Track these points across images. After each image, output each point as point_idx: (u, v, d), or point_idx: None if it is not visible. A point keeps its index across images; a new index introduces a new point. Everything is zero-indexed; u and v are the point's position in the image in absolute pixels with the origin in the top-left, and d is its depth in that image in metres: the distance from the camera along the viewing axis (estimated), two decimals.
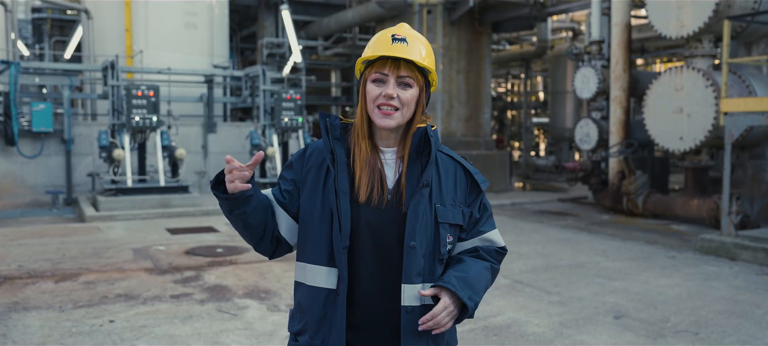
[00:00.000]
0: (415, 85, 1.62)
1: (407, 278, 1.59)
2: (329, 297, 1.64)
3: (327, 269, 1.64)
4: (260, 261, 6.88)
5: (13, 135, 11.19)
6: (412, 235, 1.59)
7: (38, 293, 5.51)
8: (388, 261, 1.62)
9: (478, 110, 15.01)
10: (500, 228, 9.81)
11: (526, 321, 4.87)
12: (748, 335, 4.60)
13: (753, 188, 10.06)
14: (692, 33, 9.47)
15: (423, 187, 1.62)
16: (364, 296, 1.63)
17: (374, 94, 1.60)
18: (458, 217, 1.68)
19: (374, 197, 1.61)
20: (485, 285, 1.67)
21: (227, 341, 4.39)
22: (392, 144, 1.67)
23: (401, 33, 1.62)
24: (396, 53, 1.58)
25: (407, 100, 1.61)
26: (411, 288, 1.59)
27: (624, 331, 4.66)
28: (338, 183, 1.61)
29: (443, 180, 1.68)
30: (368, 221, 1.61)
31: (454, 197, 1.68)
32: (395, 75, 1.60)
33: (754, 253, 7.17)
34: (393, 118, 1.60)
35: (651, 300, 5.48)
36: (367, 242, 1.62)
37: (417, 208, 1.61)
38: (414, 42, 1.62)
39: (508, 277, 6.28)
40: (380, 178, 1.63)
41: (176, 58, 14.12)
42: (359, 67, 1.67)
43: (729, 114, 8.02)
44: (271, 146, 12.12)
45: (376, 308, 1.63)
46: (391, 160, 1.67)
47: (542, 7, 14.04)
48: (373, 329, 1.64)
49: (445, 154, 1.72)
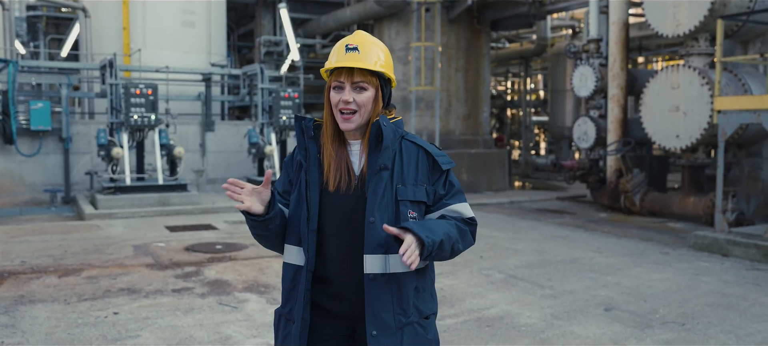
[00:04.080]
0: (370, 87, 1.85)
1: (369, 249, 1.81)
2: (298, 272, 1.91)
3: (296, 249, 1.91)
4: (259, 257, 6.96)
5: (11, 133, 11.26)
6: (372, 211, 1.81)
7: (43, 287, 5.60)
8: (356, 239, 1.85)
9: (476, 109, 15.08)
10: (498, 226, 9.89)
11: (519, 313, 4.97)
12: (733, 326, 4.72)
13: (749, 186, 10.15)
14: (688, 32, 9.55)
15: (381, 170, 1.84)
16: (338, 271, 1.88)
17: (334, 101, 1.85)
18: (421, 194, 1.89)
19: (343, 185, 1.86)
20: (446, 232, 1.82)
21: (228, 331, 4.48)
22: (357, 137, 1.91)
23: (353, 42, 1.84)
24: (348, 63, 1.81)
25: (363, 102, 1.84)
26: (372, 258, 1.82)
27: (613, 322, 4.77)
28: (309, 175, 1.88)
29: (405, 163, 1.89)
30: (339, 205, 1.86)
31: (416, 178, 1.89)
32: (350, 81, 1.83)
33: (746, 249, 7.27)
34: (352, 121, 1.84)
35: (641, 293, 5.58)
36: (337, 224, 1.86)
37: (376, 188, 1.83)
38: (367, 48, 1.84)
39: (503, 272, 6.37)
40: (347, 168, 1.88)
41: (174, 56, 14.19)
42: (325, 76, 1.92)
43: (722, 112, 8.11)
44: (269, 145, 12.19)
45: (347, 280, 1.87)
46: (357, 151, 1.91)
47: (541, 5, 14.11)
48: (347, 298, 1.89)
49: (409, 141, 1.93)
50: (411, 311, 1.87)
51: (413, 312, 1.88)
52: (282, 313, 1.95)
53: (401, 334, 1.84)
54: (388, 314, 1.83)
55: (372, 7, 14.34)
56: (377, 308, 1.82)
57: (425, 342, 1.89)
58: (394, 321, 1.83)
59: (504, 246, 7.81)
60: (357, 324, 1.92)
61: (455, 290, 5.62)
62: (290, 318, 1.91)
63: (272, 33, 18.25)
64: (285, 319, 1.94)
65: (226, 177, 13.55)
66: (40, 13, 18.96)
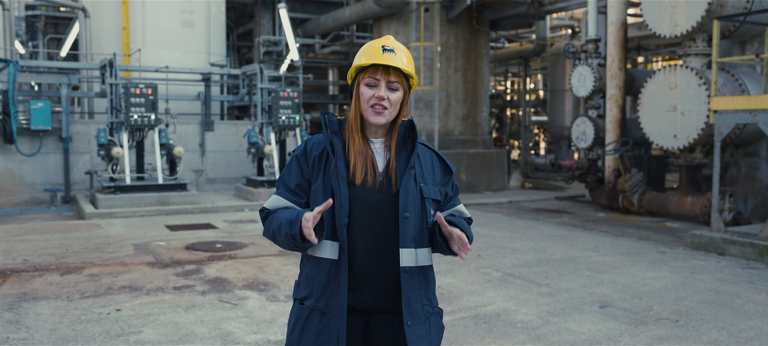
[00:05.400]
0: (401, 88, 1.96)
1: (404, 243, 1.91)
2: (332, 267, 1.94)
3: (330, 243, 1.94)
4: (259, 256, 7.02)
5: (11, 133, 11.31)
6: (406, 207, 1.92)
7: (45, 285, 5.66)
8: (383, 232, 1.93)
9: (476, 108, 15.13)
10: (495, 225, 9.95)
11: (515, 310, 5.03)
12: (725, 323, 4.79)
13: (747, 185, 10.21)
14: (686, 32, 9.61)
15: (410, 169, 1.96)
16: (362, 264, 1.95)
17: (368, 96, 1.93)
18: (437, 193, 2.04)
19: (368, 180, 1.94)
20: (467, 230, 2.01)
21: (229, 328, 4.55)
22: (380, 136, 2.01)
23: (389, 45, 1.96)
24: (387, 62, 1.91)
25: (395, 101, 1.95)
26: (407, 252, 1.92)
27: (607, 319, 4.84)
28: (338, 169, 1.93)
29: (424, 165, 2.02)
30: (364, 199, 1.93)
31: (433, 178, 2.04)
32: (386, 80, 1.93)
33: (742, 248, 7.33)
34: (383, 116, 1.94)
35: (637, 291, 5.64)
36: (363, 218, 1.93)
37: (407, 186, 1.94)
38: (399, 52, 1.96)
39: (501, 270, 6.43)
40: (372, 164, 1.96)
41: (173, 56, 14.23)
42: (352, 73, 2.00)
43: (719, 112, 8.17)
44: (269, 144, 12.23)
45: (372, 273, 1.95)
46: (380, 149, 2.00)
47: (540, 5, 14.15)
48: (370, 291, 1.97)
49: (422, 144, 2.07)
50: (433, 302, 2.04)
51: (434, 303, 2.04)
52: (315, 307, 1.95)
53: (428, 323, 1.98)
54: (419, 306, 1.95)
55: (371, 6, 14.39)
56: (411, 299, 1.93)
57: (442, 329, 2.07)
58: (423, 312, 1.97)
59: (502, 245, 7.86)
60: (371, 318, 2.00)
61: (453, 288, 5.68)
62: (327, 312, 1.93)
63: (271, 33, 18.29)
64: (320, 313, 1.95)
65: (226, 177, 13.61)
66: (38, 13, 18.97)
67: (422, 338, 1.93)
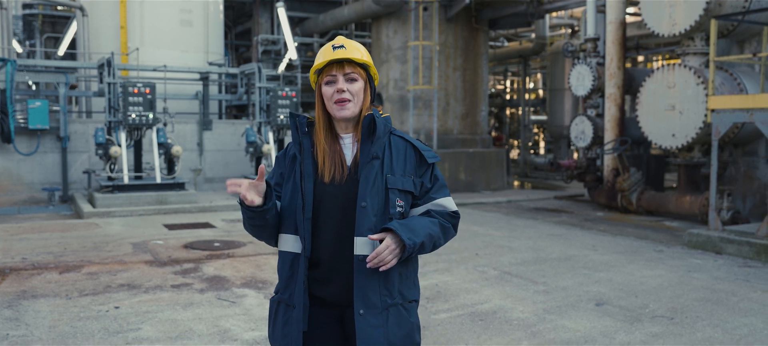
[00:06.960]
0: (359, 78, 2.00)
1: (359, 232, 1.93)
2: (295, 260, 2.01)
3: (294, 237, 2.01)
4: (257, 254, 7.02)
5: (9, 132, 11.31)
6: (364, 197, 1.94)
7: (44, 283, 5.67)
8: (349, 225, 1.96)
9: (475, 108, 15.14)
10: (494, 225, 9.94)
11: (512, 308, 5.05)
12: (720, 320, 4.81)
13: (745, 184, 10.22)
14: (684, 31, 9.62)
15: (372, 159, 1.97)
16: (329, 256, 1.98)
17: (329, 93, 1.98)
18: (408, 184, 2.02)
19: (337, 176, 1.98)
20: (429, 232, 1.98)
21: (227, 325, 4.56)
22: (349, 130, 2.04)
23: (339, 42, 2.02)
24: (339, 56, 1.97)
25: (356, 91, 1.99)
26: (362, 241, 1.93)
27: (603, 316, 4.85)
28: (303, 167, 2.00)
29: (394, 156, 2.02)
30: (333, 195, 1.97)
31: (404, 169, 2.03)
32: (342, 73, 1.98)
33: (739, 246, 7.34)
34: (347, 108, 1.97)
35: (633, 289, 5.65)
36: (332, 213, 1.97)
37: (368, 175, 1.96)
38: (350, 46, 2.01)
39: (498, 269, 6.43)
40: (340, 159, 2.00)
41: (172, 55, 14.24)
42: (313, 78, 2.06)
43: (716, 111, 8.18)
44: (267, 144, 12.24)
45: (338, 265, 1.98)
46: (349, 143, 2.04)
47: (539, 3, 14.14)
48: (338, 283, 2.00)
49: (397, 136, 2.07)
50: (396, 294, 1.99)
51: (397, 295, 2.00)
52: (281, 299, 2.04)
53: (387, 314, 1.96)
54: (375, 295, 1.94)
55: (370, 5, 14.39)
56: (365, 288, 1.93)
57: (408, 323, 2.01)
58: (380, 302, 1.95)
59: (500, 244, 7.87)
60: (345, 312, 2.02)
61: (450, 286, 5.69)
62: (290, 303, 2.00)
63: (270, 32, 18.30)
64: (285, 305, 2.02)
65: (224, 176, 13.60)
66: (36, 12, 18.95)
67: (376, 328, 1.92)
